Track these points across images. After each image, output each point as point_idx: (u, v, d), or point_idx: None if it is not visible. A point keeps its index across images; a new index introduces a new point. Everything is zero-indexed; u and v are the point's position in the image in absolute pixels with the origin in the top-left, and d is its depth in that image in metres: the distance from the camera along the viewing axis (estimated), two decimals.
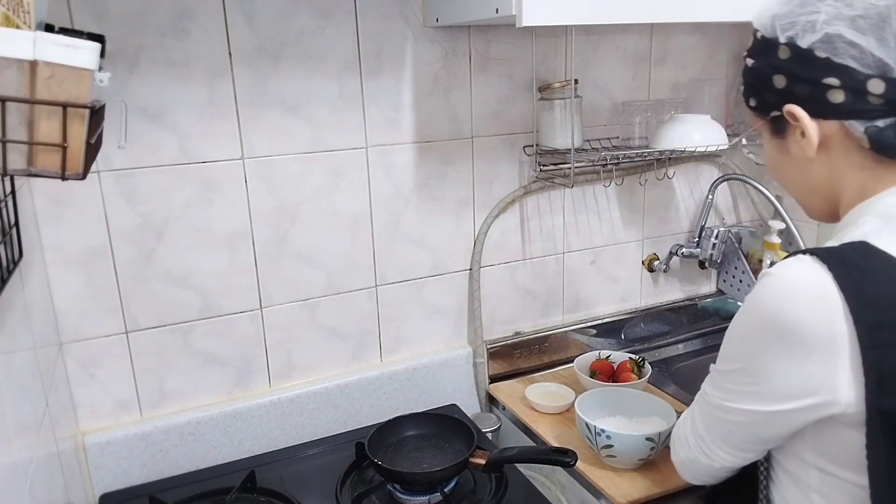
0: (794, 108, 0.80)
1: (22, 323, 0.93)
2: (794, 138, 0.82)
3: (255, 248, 1.31)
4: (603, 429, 1.17)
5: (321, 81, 1.28)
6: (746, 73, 0.86)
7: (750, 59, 0.85)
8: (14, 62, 0.59)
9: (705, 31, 1.63)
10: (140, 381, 1.28)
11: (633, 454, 1.18)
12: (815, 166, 0.83)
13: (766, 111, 0.84)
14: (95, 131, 0.68)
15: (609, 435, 1.17)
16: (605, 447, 1.18)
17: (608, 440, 1.17)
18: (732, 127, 1.66)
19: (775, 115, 0.83)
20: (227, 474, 1.27)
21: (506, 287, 1.57)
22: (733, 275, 1.76)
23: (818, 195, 0.86)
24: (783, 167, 0.88)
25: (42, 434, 0.95)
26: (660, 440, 1.16)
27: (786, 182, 0.90)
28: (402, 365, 1.47)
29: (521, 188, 1.52)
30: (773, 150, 0.88)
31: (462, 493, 1.21)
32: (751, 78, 0.86)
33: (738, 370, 0.81)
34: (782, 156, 0.86)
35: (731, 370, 0.82)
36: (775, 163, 0.89)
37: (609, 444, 1.17)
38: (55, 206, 1.15)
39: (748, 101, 0.88)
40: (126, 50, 1.13)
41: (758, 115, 0.87)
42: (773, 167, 0.91)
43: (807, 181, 0.86)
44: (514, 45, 1.43)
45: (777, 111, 0.82)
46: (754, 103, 0.87)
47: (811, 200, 0.89)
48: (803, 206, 0.91)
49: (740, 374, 0.80)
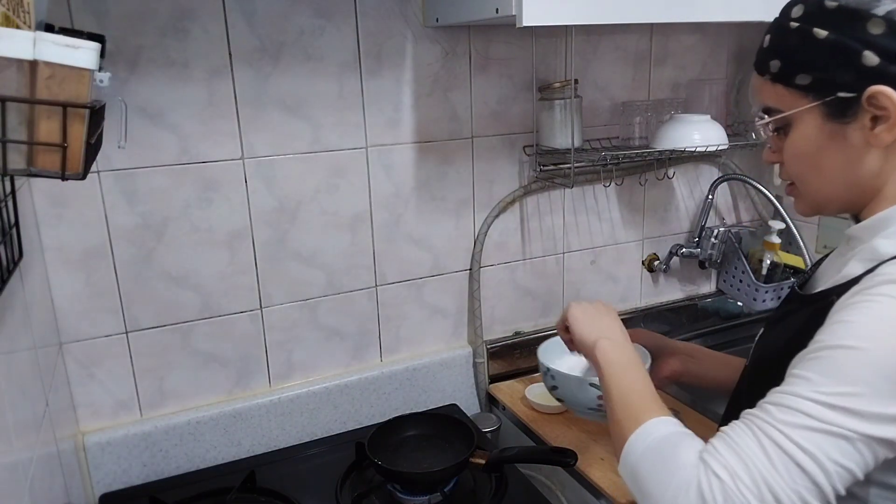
0: (885, 90, 0.70)
1: (22, 323, 0.93)
2: (860, 124, 0.73)
3: (255, 248, 1.31)
4: (548, 368, 1.12)
5: (321, 81, 1.28)
6: (807, 47, 0.74)
7: (820, 30, 0.73)
8: (14, 62, 0.59)
9: (705, 31, 1.63)
10: (140, 381, 1.28)
11: (579, 401, 1.10)
12: (870, 157, 0.75)
13: (830, 91, 0.73)
14: (95, 131, 0.68)
15: (553, 375, 1.12)
16: (552, 388, 1.14)
17: (552, 380, 1.12)
18: (732, 127, 1.66)
19: (842, 97, 0.73)
20: (227, 474, 1.27)
21: (506, 287, 1.57)
22: (733, 275, 1.76)
23: (856, 188, 0.77)
24: (823, 156, 0.77)
25: (42, 434, 0.95)
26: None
27: (817, 173, 0.79)
28: (402, 365, 1.47)
29: (521, 188, 1.52)
30: (817, 137, 0.77)
31: (462, 493, 1.21)
32: (817, 52, 0.73)
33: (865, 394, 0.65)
34: (832, 143, 0.76)
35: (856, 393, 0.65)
36: (813, 150, 0.78)
37: (554, 384, 1.13)
38: (55, 206, 1.15)
39: (794, 77, 0.76)
40: (126, 50, 1.13)
41: (808, 96, 0.75)
42: (803, 156, 0.79)
43: (851, 173, 0.77)
44: (514, 45, 1.43)
45: (849, 92, 0.72)
46: (807, 81, 0.75)
47: (843, 194, 0.79)
48: (824, 200, 0.81)
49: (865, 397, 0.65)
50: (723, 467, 0.66)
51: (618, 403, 0.83)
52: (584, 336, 0.97)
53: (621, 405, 0.83)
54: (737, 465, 0.66)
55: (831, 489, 0.64)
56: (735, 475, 0.65)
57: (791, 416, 0.66)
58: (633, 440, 0.76)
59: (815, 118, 0.76)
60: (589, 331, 0.97)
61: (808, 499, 0.63)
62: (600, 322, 0.99)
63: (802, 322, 0.78)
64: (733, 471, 0.66)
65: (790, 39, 0.76)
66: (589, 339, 0.95)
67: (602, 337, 0.94)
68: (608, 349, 0.91)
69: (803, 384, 0.67)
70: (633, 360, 0.91)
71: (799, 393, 0.67)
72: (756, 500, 0.64)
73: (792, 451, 0.64)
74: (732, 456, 0.67)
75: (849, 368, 0.65)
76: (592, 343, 0.94)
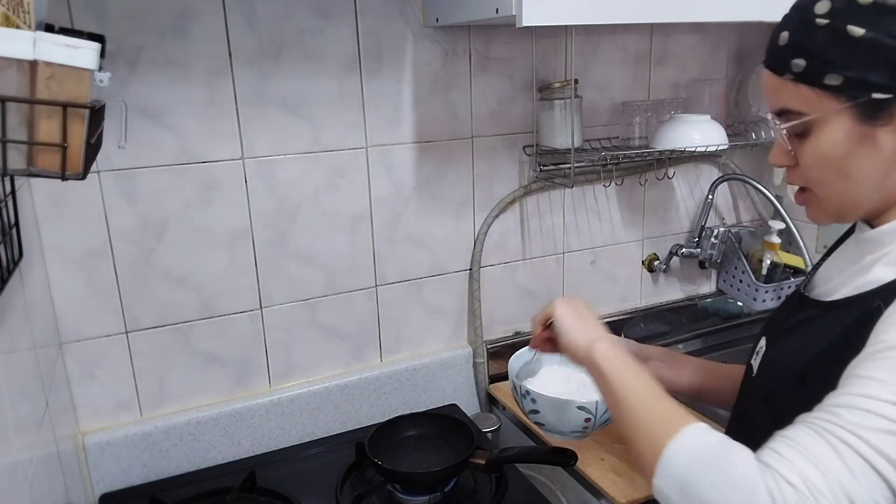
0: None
1: (22, 323, 0.93)
2: (893, 127, 0.70)
3: (255, 248, 1.31)
4: (528, 390, 1.00)
5: (321, 81, 1.28)
6: (839, 45, 0.70)
7: (856, 28, 0.68)
8: (14, 62, 0.59)
9: (705, 31, 1.63)
10: (140, 381, 1.28)
11: (563, 424, 1.01)
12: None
13: (864, 92, 0.69)
14: (95, 131, 0.68)
15: (534, 398, 1.00)
16: (531, 412, 1.03)
17: (533, 404, 1.01)
18: (732, 127, 1.66)
19: (877, 98, 0.69)
20: (227, 474, 1.27)
21: (506, 287, 1.57)
22: (733, 275, 1.76)
23: (879, 193, 0.74)
24: (851, 160, 0.73)
25: (42, 434, 0.95)
26: (597, 412, 0.98)
27: (842, 178, 0.75)
28: (402, 365, 1.47)
29: (521, 188, 1.52)
30: (845, 141, 0.72)
31: (462, 493, 1.21)
32: (850, 51, 0.69)
33: None
34: (861, 147, 0.72)
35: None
36: (840, 155, 0.73)
37: (535, 408, 1.02)
38: (55, 206, 1.15)
39: (823, 77, 0.71)
40: (126, 50, 1.13)
41: (839, 97, 0.71)
42: (829, 160, 0.75)
43: (878, 178, 0.73)
44: (514, 45, 1.43)
45: (885, 93, 0.69)
46: (838, 81, 0.70)
47: (867, 200, 0.76)
48: (849, 206, 0.77)
49: None
50: (795, 474, 0.60)
51: (640, 409, 0.76)
52: (577, 338, 0.88)
53: (643, 412, 0.76)
54: (810, 471, 0.60)
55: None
56: (810, 483, 0.59)
57: (867, 419, 0.60)
58: (673, 450, 0.69)
59: (844, 121, 0.72)
60: (582, 332, 0.89)
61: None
62: (591, 323, 0.91)
63: (840, 329, 0.74)
64: (807, 478, 0.60)
65: (818, 37, 0.71)
66: (582, 341, 0.87)
67: (598, 339, 0.86)
68: (609, 352, 0.84)
69: (874, 385, 0.62)
70: (636, 363, 0.83)
71: (871, 395, 0.62)
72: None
73: (870, 456, 0.59)
74: (803, 462, 0.61)
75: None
76: (587, 345, 0.86)
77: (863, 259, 0.78)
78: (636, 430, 0.75)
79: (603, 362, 0.83)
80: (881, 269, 0.74)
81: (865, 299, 0.73)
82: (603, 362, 0.83)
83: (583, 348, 0.87)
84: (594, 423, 1.01)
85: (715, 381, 1.07)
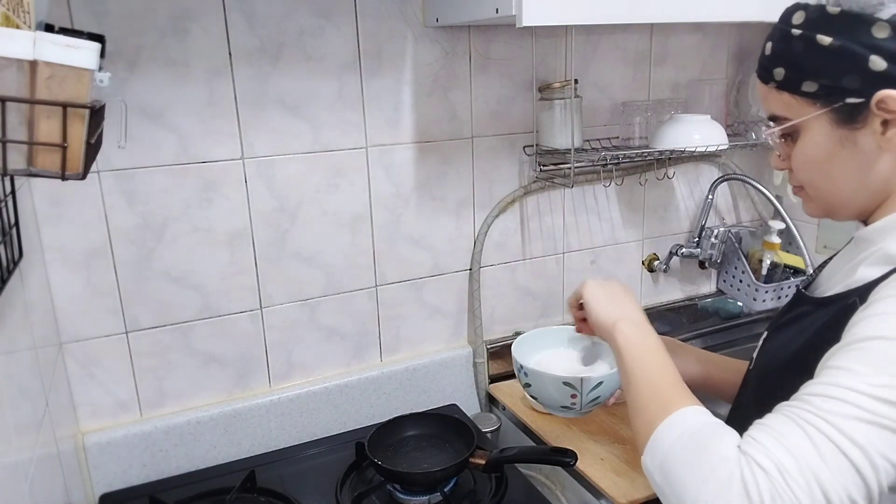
0: (894, 94, 0.70)
1: (22, 323, 0.93)
2: (871, 129, 0.73)
3: (255, 248, 1.31)
4: (521, 364, 1.08)
5: (321, 81, 1.28)
6: (812, 54, 0.73)
7: (824, 37, 0.72)
8: (14, 62, 0.59)
9: (705, 31, 1.63)
10: (140, 381, 1.28)
11: (551, 398, 1.08)
12: (882, 161, 0.74)
13: (838, 97, 0.73)
14: (95, 131, 0.68)
15: (527, 372, 1.08)
16: (525, 385, 1.11)
17: (526, 377, 1.09)
18: (732, 127, 1.66)
19: (851, 103, 0.72)
20: (227, 474, 1.27)
21: (506, 287, 1.57)
22: (733, 275, 1.77)
23: (866, 193, 0.77)
24: (834, 163, 0.76)
25: (42, 434, 0.95)
26: (582, 389, 1.03)
27: (828, 180, 0.78)
28: (402, 365, 1.47)
29: (521, 188, 1.52)
30: (826, 144, 0.76)
31: (462, 493, 1.21)
32: (822, 59, 0.72)
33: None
34: (842, 149, 0.75)
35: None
36: (823, 157, 0.77)
37: (527, 382, 1.09)
38: (55, 206, 1.15)
39: (800, 85, 0.75)
40: (126, 50, 1.13)
41: (816, 103, 0.75)
42: (813, 163, 0.78)
43: (863, 178, 0.76)
44: (514, 45, 1.43)
45: (858, 97, 0.72)
46: (814, 88, 0.74)
47: (854, 200, 0.78)
48: (837, 205, 0.81)
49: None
50: (768, 459, 0.61)
51: (642, 390, 0.78)
52: (603, 316, 0.91)
53: (647, 392, 0.77)
54: (784, 457, 0.61)
55: (877, 486, 0.60)
56: (782, 468, 0.60)
57: (840, 407, 0.62)
58: (661, 430, 0.71)
59: (823, 125, 0.75)
60: (608, 311, 0.91)
61: (856, 497, 0.59)
62: (620, 302, 0.93)
63: (821, 324, 0.77)
64: (780, 464, 0.60)
65: (794, 46, 0.75)
66: (608, 320, 0.89)
67: (622, 318, 0.88)
68: (630, 331, 0.86)
69: (848, 375, 0.63)
70: (657, 344, 0.85)
71: (845, 384, 0.63)
72: (807, 496, 0.59)
73: (842, 443, 0.60)
74: (778, 448, 0.62)
75: (894, 359, 0.63)
76: (612, 324, 0.88)
77: (855, 257, 0.80)
78: (638, 408, 0.77)
79: (622, 341, 0.85)
80: (865, 268, 0.76)
81: (846, 296, 0.75)
82: (622, 341, 0.85)
83: (607, 327, 0.89)
84: (581, 399, 1.06)
85: (721, 373, 1.08)
